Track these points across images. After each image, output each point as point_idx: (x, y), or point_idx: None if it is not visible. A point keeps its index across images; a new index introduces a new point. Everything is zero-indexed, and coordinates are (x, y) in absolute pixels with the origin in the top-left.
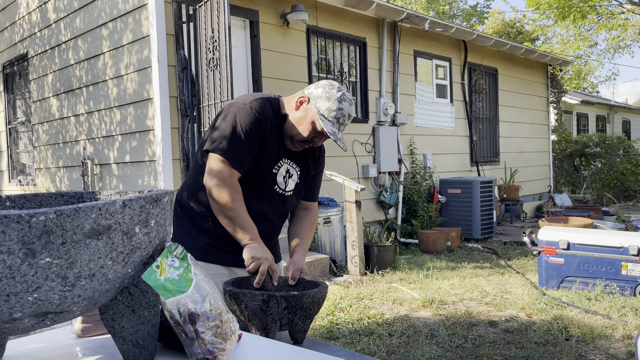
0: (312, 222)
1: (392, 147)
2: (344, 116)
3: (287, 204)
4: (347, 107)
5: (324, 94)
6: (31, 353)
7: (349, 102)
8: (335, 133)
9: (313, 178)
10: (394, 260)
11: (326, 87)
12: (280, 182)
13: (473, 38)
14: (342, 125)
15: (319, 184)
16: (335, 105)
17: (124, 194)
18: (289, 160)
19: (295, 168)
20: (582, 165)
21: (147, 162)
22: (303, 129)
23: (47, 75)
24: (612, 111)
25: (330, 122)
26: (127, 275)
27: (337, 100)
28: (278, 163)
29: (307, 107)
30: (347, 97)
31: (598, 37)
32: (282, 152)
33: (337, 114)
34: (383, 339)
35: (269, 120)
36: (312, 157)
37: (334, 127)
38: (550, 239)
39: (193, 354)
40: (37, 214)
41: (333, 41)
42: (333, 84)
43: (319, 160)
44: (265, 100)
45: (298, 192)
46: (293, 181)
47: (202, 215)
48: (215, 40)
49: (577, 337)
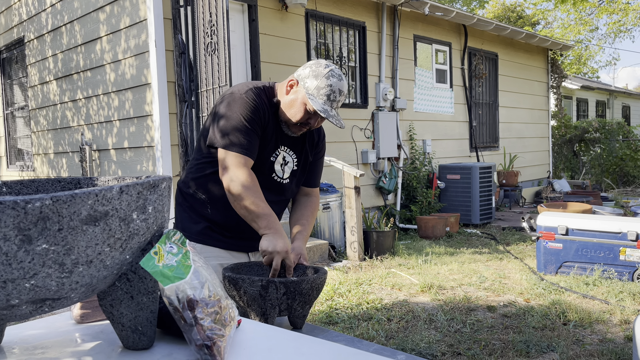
0: (313, 208)
1: (391, 132)
2: (334, 92)
3: (286, 191)
4: (336, 83)
5: (311, 73)
6: (30, 339)
7: (337, 77)
8: (327, 110)
9: (313, 164)
10: (392, 246)
11: (313, 66)
12: (278, 170)
13: (473, 22)
14: (334, 101)
15: (319, 170)
16: (323, 82)
17: (122, 180)
18: (285, 148)
19: (292, 155)
20: (582, 150)
21: (145, 148)
22: (295, 111)
23: (44, 60)
24: (612, 96)
25: (321, 100)
26: (125, 261)
27: (324, 77)
28: (276, 151)
29: (297, 89)
30: (335, 73)
31: (599, 22)
32: (280, 140)
33: (326, 91)
34: (382, 323)
35: (265, 108)
36: (311, 143)
37: (325, 104)
38: (549, 225)
39: (192, 340)
40: (32, 200)
41: (332, 25)
42: (320, 62)
43: (317, 145)
44: (259, 88)
45: (297, 180)
46: (289, 168)
47: (202, 203)
48: (213, 24)
49: (574, 322)
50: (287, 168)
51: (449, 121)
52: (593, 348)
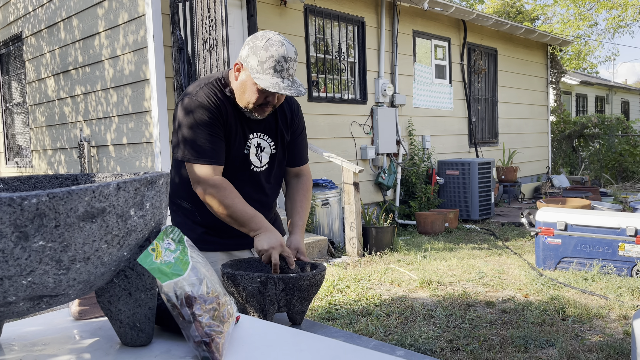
0: (304, 190)
1: (390, 128)
2: (279, 61)
3: (270, 177)
4: (276, 50)
5: (250, 51)
6: (28, 336)
7: (277, 44)
8: (278, 83)
9: (292, 143)
10: (392, 242)
11: (249, 42)
12: (254, 160)
13: (472, 18)
14: (283, 71)
15: (303, 146)
16: (263, 55)
17: (119, 176)
18: (257, 134)
19: (266, 139)
20: (581, 146)
21: (144, 144)
22: (249, 95)
23: (42, 55)
24: (611, 92)
25: (268, 75)
26: (122, 258)
27: (263, 50)
28: (247, 142)
29: (243, 71)
30: (273, 41)
31: (598, 17)
32: (247, 129)
33: (270, 64)
34: (381, 319)
35: (220, 103)
36: (284, 121)
37: (274, 77)
38: (548, 220)
39: (190, 337)
40: (29, 196)
41: (331, 21)
42: (256, 36)
43: (292, 122)
44: (211, 84)
45: (279, 163)
46: (267, 154)
47: (190, 211)
48: (212, 20)
49: (573, 317)
50: (265, 154)
51: (448, 117)
52: (592, 343)
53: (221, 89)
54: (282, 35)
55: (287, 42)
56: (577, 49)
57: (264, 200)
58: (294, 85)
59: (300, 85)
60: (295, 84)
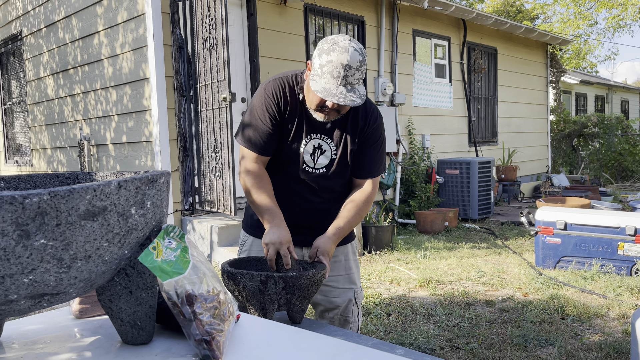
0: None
1: (390, 127)
2: (337, 67)
3: (326, 181)
4: (337, 56)
5: (316, 52)
6: (29, 334)
7: (341, 50)
8: (329, 89)
9: (360, 153)
10: (391, 241)
11: (319, 44)
12: (307, 160)
13: (472, 17)
14: (339, 78)
15: (371, 158)
16: (324, 59)
17: (120, 175)
18: (320, 135)
19: (328, 143)
20: (580, 145)
21: (144, 143)
22: (311, 96)
23: (42, 54)
24: (611, 91)
25: (324, 79)
26: (123, 256)
27: (325, 54)
28: (303, 141)
29: (309, 72)
30: (338, 47)
31: (598, 16)
32: (311, 128)
33: (328, 68)
34: (381, 318)
35: (283, 99)
36: (354, 129)
37: (329, 83)
38: (547, 219)
39: (191, 335)
40: (30, 195)
41: (331, 20)
42: (326, 39)
43: (363, 131)
44: (285, 78)
45: (339, 169)
46: (326, 157)
47: None
48: (212, 18)
49: (573, 316)
50: (324, 157)
51: (447, 116)
52: (591, 342)
53: (293, 84)
54: (353, 41)
55: (353, 50)
56: (577, 48)
57: (316, 201)
58: (349, 94)
59: (359, 95)
60: (351, 93)
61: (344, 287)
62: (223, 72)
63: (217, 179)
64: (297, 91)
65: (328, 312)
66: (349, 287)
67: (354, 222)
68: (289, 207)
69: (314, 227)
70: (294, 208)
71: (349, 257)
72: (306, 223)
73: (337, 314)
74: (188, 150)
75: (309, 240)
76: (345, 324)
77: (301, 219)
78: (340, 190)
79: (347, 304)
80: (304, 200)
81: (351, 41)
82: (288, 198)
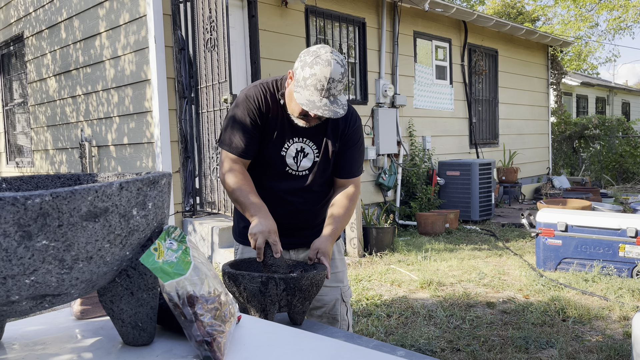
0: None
1: (391, 129)
2: (320, 80)
3: (308, 184)
4: (320, 70)
5: (299, 64)
6: (30, 335)
7: (324, 63)
8: (314, 102)
9: (341, 154)
10: (392, 242)
11: (302, 55)
12: (290, 163)
13: (473, 19)
14: (323, 90)
15: (352, 159)
16: (307, 72)
17: (122, 176)
18: (302, 139)
19: (311, 146)
20: (581, 147)
21: (145, 144)
22: (294, 105)
23: (44, 56)
24: (611, 93)
25: (308, 91)
26: (125, 257)
27: (308, 67)
28: (285, 144)
29: (292, 81)
30: (321, 60)
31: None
32: (292, 132)
33: (312, 81)
34: (381, 320)
35: (265, 104)
36: (335, 131)
37: (312, 95)
38: (548, 221)
39: (192, 336)
40: (32, 196)
41: (332, 21)
42: (309, 50)
43: (344, 134)
44: (266, 84)
45: (321, 171)
46: (309, 160)
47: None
48: (213, 20)
49: (573, 318)
50: (307, 160)
51: (448, 118)
52: (592, 344)
53: (273, 90)
54: (335, 52)
55: (335, 62)
56: (578, 50)
57: (298, 203)
58: (332, 106)
59: (341, 106)
60: (334, 104)
61: (331, 286)
62: (224, 74)
63: (218, 181)
64: (277, 97)
65: (316, 309)
66: (336, 286)
67: (345, 222)
68: (272, 210)
69: (296, 228)
70: (276, 210)
71: (334, 257)
72: (289, 225)
73: (325, 312)
74: (189, 151)
75: (293, 242)
76: (334, 322)
77: (284, 222)
78: (321, 190)
79: (335, 302)
80: (286, 202)
81: (333, 53)
82: (270, 200)
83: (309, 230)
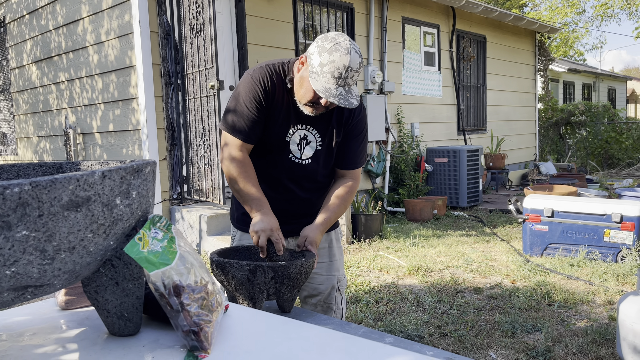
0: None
1: (379, 115)
2: (338, 68)
3: (309, 172)
4: (339, 57)
5: (316, 49)
6: (14, 326)
7: (343, 51)
8: (330, 90)
9: (344, 144)
10: (380, 229)
11: (319, 40)
12: (294, 150)
13: (462, 4)
14: (340, 78)
15: (354, 150)
16: (325, 58)
17: (105, 164)
18: (306, 126)
19: (314, 134)
20: (568, 133)
21: (131, 132)
22: (304, 91)
23: (25, 41)
24: (598, 79)
25: (324, 78)
26: (109, 247)
27: (327, 53)
28: (290, 130)
29: (305, 66)
30: (340, 47)
31: (586, 4)
32: (297, 118)
33: (329, 68)
34: (370, 306)
35: (271, 86)
36: (339, 120)
37: (328, 83)
38: (535, 207)
39: (179, 326)
40: (11, 185)
41: (320, 7)
42: (327, 36)
43: (348, 123)
44: (273, 66)
45: (324, 160)
46: (311, 148)
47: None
48: (199, 5)
49: (559, 303)
50: (309, 148)
51: (437, 104)
52: (577, 328)
53: (280, 73)
54: (352, 42)
55: (354, 52)
56: (565, 37)
57: (299, 191)
58: (347, 95)
59: (355, 96)
60: (349, 94)
61: (328, 274)
62: (211, 60)
63: (206, 168)
64: (284, 80)
65: (311, 297)
66: (332, 275)
67: (339, 212)
68: (272, 197)
69: (296, 216)
70: (277, 197)
71: (332, 245)
72: (288, 212)
73: (320, 300)
74: (176, 138)
75: (291, 229)
76: (328, 310)
77: (284, 209)
78: (323, 180)
79: (330, 290)
80: (287, 190)
81: (351, 42)
82: (271, 187)
83: (308, 218)
